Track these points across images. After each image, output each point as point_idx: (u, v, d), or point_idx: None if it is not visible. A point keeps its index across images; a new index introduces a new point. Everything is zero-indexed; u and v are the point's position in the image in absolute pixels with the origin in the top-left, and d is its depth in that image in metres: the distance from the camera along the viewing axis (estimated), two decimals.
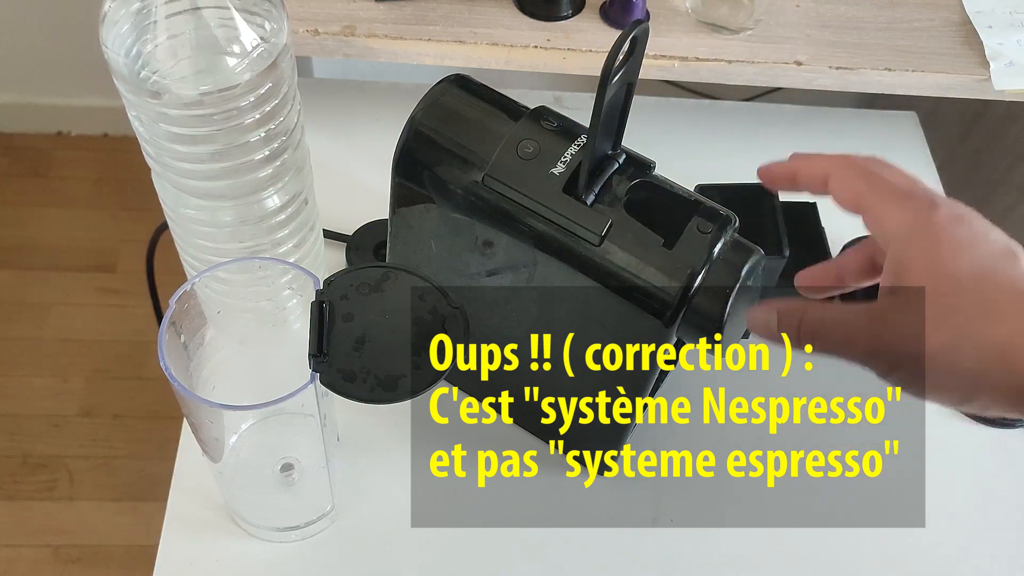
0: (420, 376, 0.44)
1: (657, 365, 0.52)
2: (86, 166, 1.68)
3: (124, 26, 0.46)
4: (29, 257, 1.56)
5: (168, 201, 0.54)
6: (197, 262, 0.58)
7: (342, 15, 0.70)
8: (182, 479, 0.61)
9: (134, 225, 1.60)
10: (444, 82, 0.53)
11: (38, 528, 1.30)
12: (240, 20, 0.47)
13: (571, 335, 0.54)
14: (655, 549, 0.61)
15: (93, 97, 1.65)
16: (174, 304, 0.47)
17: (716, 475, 0.64)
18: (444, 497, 0.62)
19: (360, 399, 0.43)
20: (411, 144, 0.52)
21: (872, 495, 0.64)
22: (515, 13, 0.72)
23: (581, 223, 0.48)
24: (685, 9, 0.74)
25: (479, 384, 0.64)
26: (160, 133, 0.48)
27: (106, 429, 1.39)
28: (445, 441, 0.64)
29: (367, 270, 0.46)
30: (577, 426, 0.61)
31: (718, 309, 0.47)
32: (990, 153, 1.02)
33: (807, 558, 0.61)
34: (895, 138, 0.85)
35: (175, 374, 0.45)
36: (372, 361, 0.44)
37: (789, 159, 0.44)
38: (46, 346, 1.47)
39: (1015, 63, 0.72)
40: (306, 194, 0.57)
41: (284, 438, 0.61)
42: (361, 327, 0.44)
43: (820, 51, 0.72)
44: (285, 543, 0.59)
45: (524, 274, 0.52)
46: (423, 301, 0.46)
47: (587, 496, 0.62)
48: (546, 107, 0.51)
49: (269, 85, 0.48)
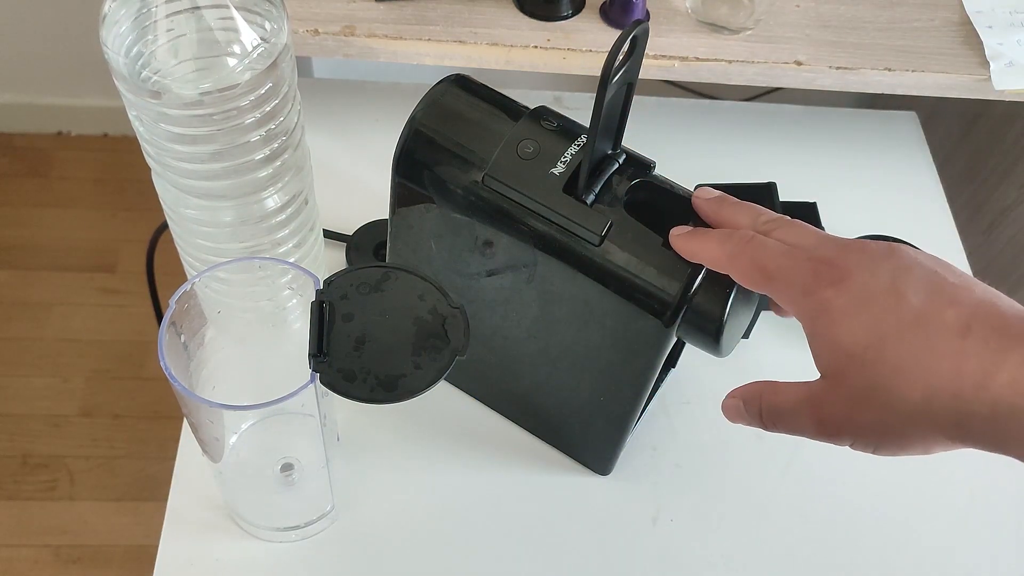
0: (420, 376, 0.44)
1: (657, 365, 0.52)
2: (86, 166, 1.68)
3: (124, 26, 0.46)
4: (29, 257, 1.56)
5: (168, 201, 0.54)
6: (197, 262, 0.58)
7: (342, 15, 0.70)
8: (182, 479, 0.61)
9: (134, 225, 1.60)
10: (444, 82, 0.53)
11: (38, 528, 1.31)
12: (240, 20, 0.47)
13: (571, 335, 0.54)
14: (655, 549, 0.61)
15: (93, 97, 1.65)
16: (174, 304, 0.47)
17: (716, 475, 0.64)
18: (444, 497, 0.62)
19: (360, 399, 0.43)
20: (411, 144, 0.52)
21: (871, 495, 0.64)
22: (515, 13, 0.72)
23: (581, 223, 0.48)
24: (685, 9, 0.74)
25: (479, 384, 0.64)
26: (160, 133, 0.48)
27: (106, 429, 1.40)
28: (445, 441, 0.64)
29: (367, 270, 0.46)
30: (577, 426, 0.61)
31: (718, 309, 0.47)
32: (990, 153, 1.02)
33: (807, 558, 0.61)
34: (895, 138, 0.85)
35: (175, 374, 0.45)
36: (372, 361, 0.44)
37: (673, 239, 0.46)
38: (46, 346, 1.47)
39: (1015, 63, 0.72)
40: (306, 194, 0.57)
41: (284, 438, 0.61)
42: (361, 327, 0.44)
43: (820, 51, 0.72)
44: (285, 543, 0.59)
45: (524, 274, 0.52)
46: (423, 301, 0.46)
47: (587, 496, 0.62)
48: (546, 107, 0.51)
49: (269, 85, 0.48)
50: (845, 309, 0.37)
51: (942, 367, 0.35)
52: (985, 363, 0.34)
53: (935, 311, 0.36)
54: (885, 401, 0.36)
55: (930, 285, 0.37)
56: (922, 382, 0.35)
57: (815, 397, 0.39)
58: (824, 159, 0.83)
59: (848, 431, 0.38)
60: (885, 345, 0.36)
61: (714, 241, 0.44)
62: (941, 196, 0.82)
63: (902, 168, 0.83)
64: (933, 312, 0.36)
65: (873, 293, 0.37)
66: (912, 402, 0.35)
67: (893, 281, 0.37)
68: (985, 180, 1.03)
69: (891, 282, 0.37)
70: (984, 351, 0.34)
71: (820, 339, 0.38)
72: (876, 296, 0.37)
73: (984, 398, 0.34)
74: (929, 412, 0.35)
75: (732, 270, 0.43)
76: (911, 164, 0.84)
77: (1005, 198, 1.00)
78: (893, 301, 0.37)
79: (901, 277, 0.37)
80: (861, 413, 0.37)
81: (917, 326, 0.36)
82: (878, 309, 0.37)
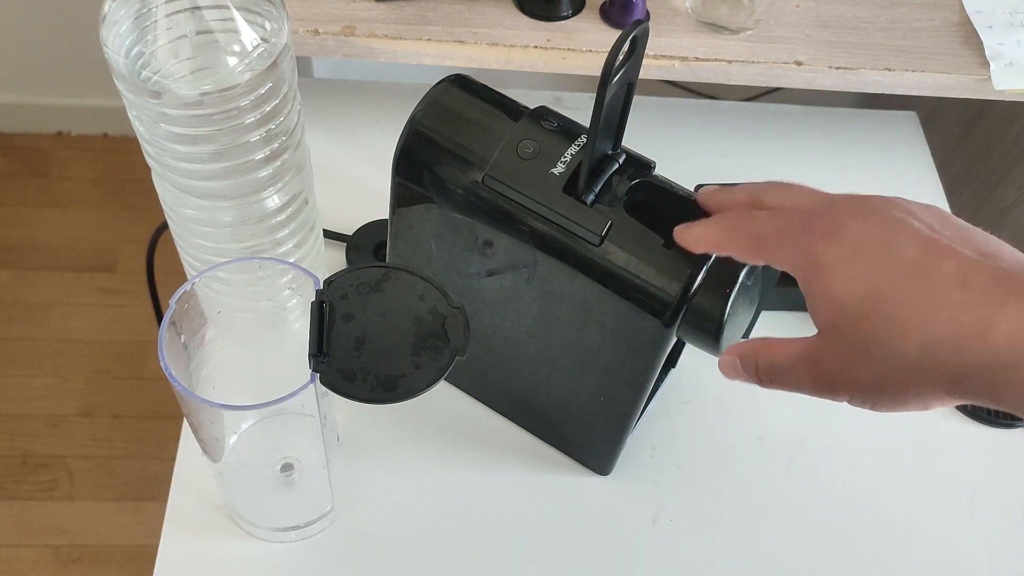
0: (420, 376, 0.44)
1: (657, 365, 0.52)
2: (86, 166, 1.68)
3: (124, 26, 0.46)
4: (29, 257, 1.56)
5: (168, 201, 0.54)
6: (197, 262, 0.58)
7: (342, 15, 0.70)
8: (182, 479, 0.61)
9: (134, 225, 1.60)
10: (444, 82, 0.53)
11: (38, 528, 1.31)
12: (240, 20, 0.47)
13: (571, 335, 0.54)
14: (655, 549, 0.61)
15: (93, 97, 1.65)
16: (174, 304, 0.47)
17: (716, 475, 0.64)
18: (444, 497, 0.62)
19: (360, 399, 0.43)
20: (411, 144, 0.52)
21: (871, 495, 0.64)
22: (515, 13, 0.72)
23: (581, 223, 0.48)
24: (685, 9, 0.74)
25: (479, 384, 0.64)
26: (160, 133, 0.48)
27: (106, 429, 1.40)
28: (445, 441, 0.64)
29: (367, 270, 0.46)
30: (577, 426, 0.61)
31: (718, 309, 0.47)
32: (990, 153, 1.02)
33: (807, 558, 0.61)
34: (895, 138, 0.85)
35: (175, 374, 0.45)
36: (372, 361, 0.44)
37: (676, 234, 0.46)
38: (46, 346, 1.47)
39: (1015, 63, 0.72)
40: (306, 194, 0.57)
41: (284, 438, 0.61)
42: (361, 327, 0.44)
43: (820, 51, 0.72)
44: (285, 543, 0.59)
45: (524, 274, 0.52)
46: (423, 301, 0.46)
47: (587, 496, 0.62)
48: (546, 107, 0.51)
49: (269, 85, 0.48)
50: (838, 261, 0.36)
51: (940, 319, 0.34)
52: (984, 314, 0.33)
53: (932, 262, 0.35)
54: (882, 355, 0.35)
55: (927, 236, 0.35)
56: (919, 335, 0.34)
57: (812, 353, 0.38)
58: (824, 159, 0.83)
59: (845, 387, 0.37)
60: (880, 297, 0.35)
61: (711, 224, 0.44)
62: (941, 196, 0.82)
63: (902, 168, 0.83)
64: (930, 263, 0.35)
65: (867, 244, 0.36)
66: (909, 356, 0.34)
67: (888, 232, 0.36)
68: (985, 180, 1.03)
69: (886, 233, 0.36)
70: (983, 302, 0.33)
71: (814, 294, 0.37)
72: (870, 247, 0.36)
73: (982, 350, 0.33)
74: (927, 365, 0.34)
75: (731, 247, 0.42)
76: (911, 164, 0.84)
77: (1005, 198, 1.00)
78: (888, 252, 0.35)
79: (896, 227, 0.36)
80: (858, 368, 0.36)
81: (913, 277, 0.35)
82: (872, 261, 0.35)
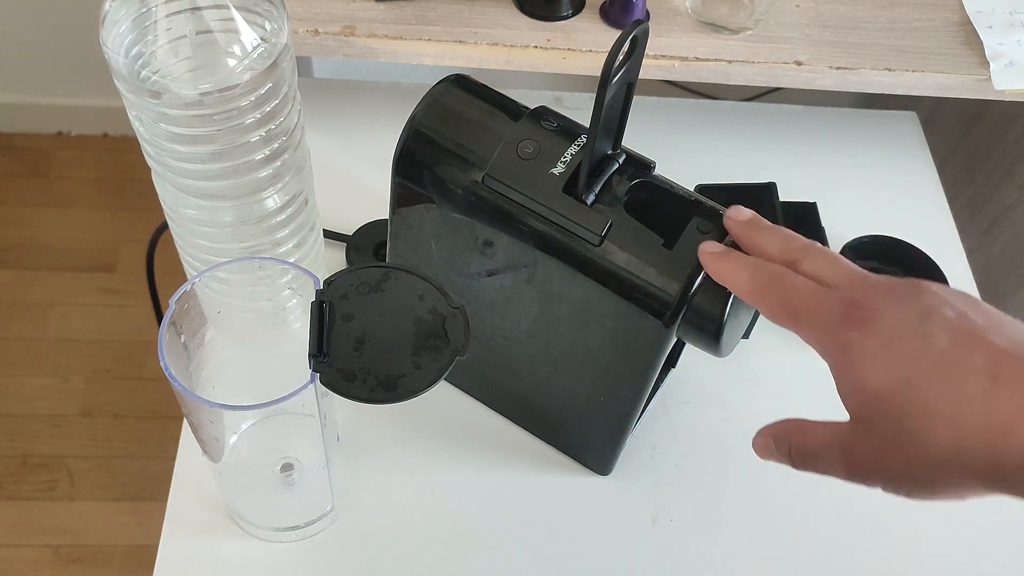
0: (420, 376, 0.44)
1: (657, 365, 0.52)
2: (86, 166, 1.68)
3: (124, 26, 0.46)
4: (29, 257, 1.56)
5: (168, 201, 0.54)
6: (197, 262, 0.58)
7: (342, 15, 0.70)
8: (182, 479, 0.61)
9: (134, 225, 1.60)
10: (444, 82, 0.53)
11: (38, 528, 1.30)
12: (240, 20, 0.47)
13: (571, 335, 0.54)
14: (655, 549, 0.61)
15: (93, 97, 1.65)
16: (174, 304, 0.47)
17: (716, 475, 0.64)
18: (444, 497, 0.62)
19: (360, 399, 0.43)
20: (411, 144, 0.52)
21: (872, 495, 0.64)
22: (515, 13, 0.72)
23: (581, 223, 0.48)
24: (685, 9, 0.74)
25: (479, 384, 0.64)
26: (160, 133, 0.48)
27: (106, 429, 1.39)
28: (445, 441, 0.64)
29: (367, 270, 0.46)
30: (577, 426, 0.61)
31: (718, 309, 0.47)
32: (990, 153, 1.02)
33: (807, 558, 0.61)
34: (895, 138, 0.85)
35: (175, 374, 0.45)
36: (372, 361, 0.44)
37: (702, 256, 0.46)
38: (46, 346, 1.47)
39: (1015, 63, 0.72)
40: (306, 194, 0.57)
41: (284, 438, 0.61)
42: (361, 327, 0.44)
43: (820, 51, 0.72)
44: (285, 543, 0.59)
45: (524, 274, 0.52)
46: (423, 301, 0.46)
47: (587, 496, 0.62)
48: (546, 107, 0.51)
49: (269, 85, 0.48)
50: (871, 352, 0.36)
51: (972, 413, 0.34)
52: (1014, 408, 0.33)
53: (963, 354, 0.35)
54: (915, 448, 0.35)
55: (958, 327, 0.35)
56: (952, 429, 0.34)
57: (845, 441, 0.38)
58: (824, 159, 0.83)
59: (878, 476, 0.38)
60: (912, 389, 0.35)
61: (745, 271, 0.43)
62: (941, 196, 0.82)
63: (902, 168, 0.83)
64: (961, 355, 0.35)
65: (900, 335, 0.36)
66: (942, 449, 0.34)
67: (920, 323, 0.36)
68: (985, 180, 1.03)
69: (918, 324, 0.36)
70: (1013, 396, 0.33)
71: (847, 382, 0.37)
72: (903, 338, 0.36)
73: (1016, 445, 0.33)
74: (960, 459, 0.34)
75: (760, 305, 0.42)
76: (911, 164, 0.84)
77: (1005, 198, 1.00)
78: (920, 343, 0.35)
79: (928, 319, 0.36)
80: (891, 459, 0.36)
81: (944, 370, 0.35)
82: (904, 352, 0.36)
